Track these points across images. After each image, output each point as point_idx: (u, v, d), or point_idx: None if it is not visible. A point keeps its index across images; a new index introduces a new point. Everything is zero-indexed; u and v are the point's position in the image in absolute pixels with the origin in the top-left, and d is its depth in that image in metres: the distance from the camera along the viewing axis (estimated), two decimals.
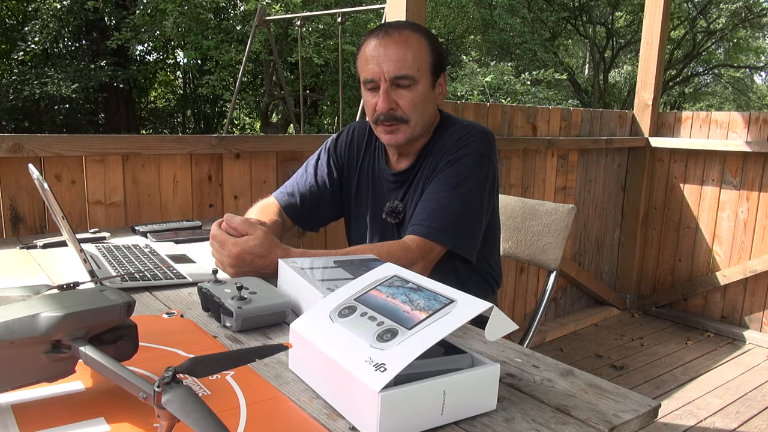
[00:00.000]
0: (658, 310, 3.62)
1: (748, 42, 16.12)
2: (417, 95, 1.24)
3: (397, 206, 1.34)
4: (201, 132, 12.96)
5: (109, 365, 0.56)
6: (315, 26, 9.02)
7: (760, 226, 3.15)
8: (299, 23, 5.40)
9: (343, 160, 1.45)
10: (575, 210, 1.58)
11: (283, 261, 0.98)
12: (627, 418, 0.64)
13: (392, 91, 1.23)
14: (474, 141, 1.27)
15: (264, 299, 0.88)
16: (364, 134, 1.45)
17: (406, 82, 1.22)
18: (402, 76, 1.21)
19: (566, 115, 3.13)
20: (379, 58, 1.21)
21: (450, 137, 1.30)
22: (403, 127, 1.25)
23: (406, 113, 1.24)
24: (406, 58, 1.21)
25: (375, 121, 1.27)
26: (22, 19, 11.06)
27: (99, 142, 1.73)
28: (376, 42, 1.23)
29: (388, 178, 1.37)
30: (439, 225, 1.19)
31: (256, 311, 0.86)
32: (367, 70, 1.24)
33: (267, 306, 0.87)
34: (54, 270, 1.17)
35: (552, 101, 9.60)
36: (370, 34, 1.27)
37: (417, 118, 1.26)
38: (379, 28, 1.27)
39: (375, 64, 1.22)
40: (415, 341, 0.60)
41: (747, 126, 3.16)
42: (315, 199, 1.42)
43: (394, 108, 1.24)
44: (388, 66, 1.21)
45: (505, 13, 11.90)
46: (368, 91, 1.27)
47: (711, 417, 2.39)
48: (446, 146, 1.29)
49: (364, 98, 1.29)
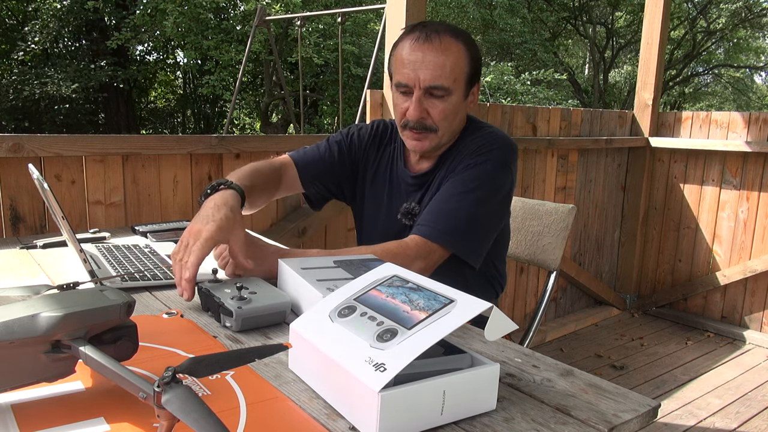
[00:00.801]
0: (658, 310, 3.62)
1: (748, 42, 16.13)
2: (449, 106, 1.21)
3: (414, 208, 1.33)
4: (201, 132, 12.96)
5: (109, 365, 0.56)
6: (315, 26, 9.02)
7: (760, 226, 3.15)
8: (299, 23, 5.40)
9: (361, 152, 1.43)
10: (575, 210, 1.57)
11: (283, 261, 0.98)
12: (627, 418, 0.64)
13: (425, 99, 1.20)
14: (497, 149, 1.25)
15: (264, 299, 0.88)
16: (386, 133, 1.43)
17: (440, 93, 1.19)
18: (437, 87, 1.18)
19: (566, 115, 3.13)
20: (416, 64, 1.17)
21: (473, 142, 1.28)
22: (430, 136, 1.23)
23: (436, 123, 1.22)
24: (444, 68, 1.17)
25: (403, 126, 1.25)
26: (22, 19, 11.06)
27: (99, 142, 1.73)
28: (415, 45, 1.18)
29: (406, 180, 1.36)
30: (445, 227, 1.17)
31: (256, 311, 0.86)
32: (402, 73, 1.20)
33: (267, 306, 0.87)
34: (54, 270, 1.17)
35: (552, 101, 9.60)
36: (409, 32, 1.22)
37: (446, 128, 1.24)
38: (419, 28, 1.21)
39: (411, 70, 1.18)
40: (415, 341, 0.60)
41: (747, 126, 3.16)
42: (321, 165, 1.40)
43: (425, 117, 1.21)
44: (425, 74, 1.17)
45: (505, 13, 11.91)
46: (400, 93, 1.23)
47: (711, 417, 2.39)
48: (468, 150, 1.27)
49: (394, 99, 1.26)
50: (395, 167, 1.39)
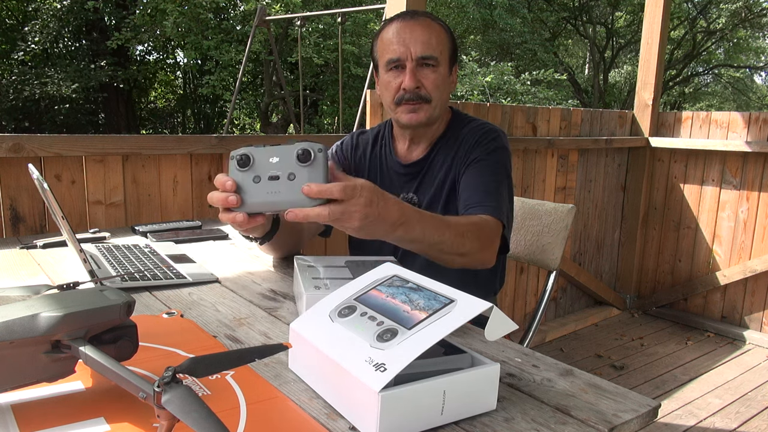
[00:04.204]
0: (658, 310, 3.62)
1: (748, 42, 16.13)
2: (440, 77, 1.27)
3: (412, 198, 1.34)
4: (201, 132, 12.96)
5: (109, 365, 0.56)
6: (315, 26, 9.02)
7: (760, 226, 3.15)
8: (299, 23, 5.40)
9: (350, 163, 1.45)
10: (575, 210, 1.57)
11: (297, 258, 1.02)
12: (627, 418, 0.64)
13: (418, 70, 1.26)
14: (500, 137, 1.31)
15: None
16: (368, 138, 1.45)
17: (432, 62, 1.25)
18: (428, 57, 1.25)
19: (566, 115, 3.13)
20: (406, 39, 1.24)
21: (474, 132, 1.31)
22: (425, 107, 1.28)
23: (429, 92, 1.27)
24: (431, 41, 1.25)
25: (398, 102, 1.28)
26: (22, 19, 11.06)
27: (99, 142, 1.73)
28: (401, 24, 1.27)
29: (398, 170, 1.37)
30: (502, 209, 1.20)
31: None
32: (392, 50, 1.26)
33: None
34: (54, 270, 1.17)
35: (552, 101, 9.60)
36: (391, 20, 1.30)
37: (438, 98, 1.28)
38: (401, 14, 1.30)
39: (401, 44, 1.25)
40: (415, 341, 0.60)
41: (747, 126, 3.16)
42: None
43: (419, 87, 1.26)
44: (415, 47, 1.24)
45: (505, 13, 11.91)
46: (390, 71, 1.28)
47: (711, 417, 2.39)
48: (474, 139, 1.30)
49: (385, 80, 1.30)
50: (384, 163, 1.40)
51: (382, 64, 1.29)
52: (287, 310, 0.97)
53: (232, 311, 0.95)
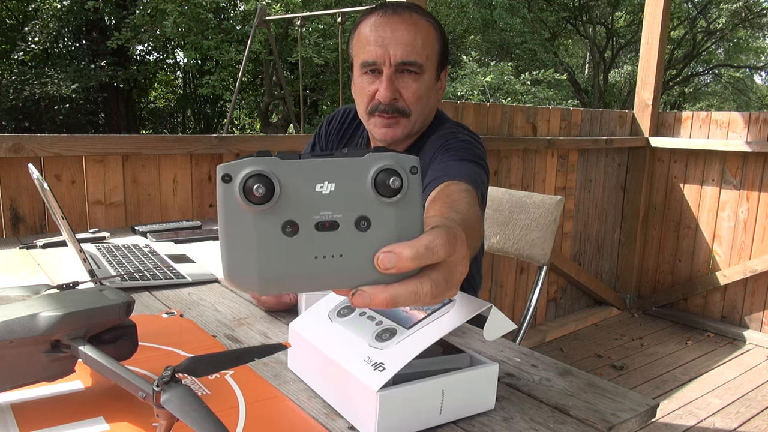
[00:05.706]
0: (658, 310, 3.62)
1: (748, 42, 16.12)
2: (422, 87, 1.08)
3: None
4: (201, 132, 12.96)
5: (109, 365, 0.56)
6: (315, 26, 9.02)
7: (760, 226, 3.15)
8: (299, 23, 5.39)
9: (325, 143, 1.31)
10: (563, 202, 1.52)
11: None
12: (625, 418, 0.64)
13: (396, 78, 1.07)
14: (474, 137, 1.16)
15: None
16: (354, 119, 1.30)
17: (414, 69, 1.06)
18: (410, 62, 1.05)
19: (566, 115, 3.13)
20: (385, 40, 1.04)
21: (446, 131, 1.16)
22: (402, 122, 1.10)
23: (409, 105, 1.08)
24: (416, 43, 1.05)
25: (371, 112, 1.10)
26: (22, 19, 11.06)
27: (99, 142, 1.73)
28: (380, 20, 1.06)
29: None
30: (467, 177, 0.98)
31: None
32: (368, 51, 1.06)
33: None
34: (54, 270, 1.17)
35: (552, 101, 9.60)
36: (370, 12, 1.10)
37: (418, 113, 1.10)
38: (382, 5, 1.09)
39: (379, 46, 1.05)
40: (414, 340, 0.60)
41: (747, 126, 3.16)
42: None
43: (397, 98, 1.08)
44: (395, 49, 1.04)
45: (505, 13, 11.91)
46: (365, 75, 1.09)
47: (711, 417, 2.39)
48: (442, 138, 1.13)
49: (358, 84, 1.11)
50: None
51: (357, 64, 1.10)
52: (286, 310, 0.97)
53: (231, 311, 0.96)
